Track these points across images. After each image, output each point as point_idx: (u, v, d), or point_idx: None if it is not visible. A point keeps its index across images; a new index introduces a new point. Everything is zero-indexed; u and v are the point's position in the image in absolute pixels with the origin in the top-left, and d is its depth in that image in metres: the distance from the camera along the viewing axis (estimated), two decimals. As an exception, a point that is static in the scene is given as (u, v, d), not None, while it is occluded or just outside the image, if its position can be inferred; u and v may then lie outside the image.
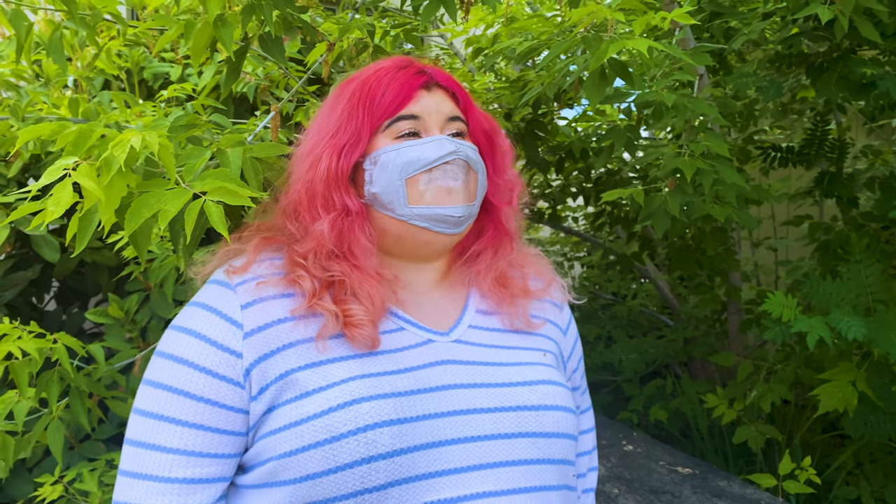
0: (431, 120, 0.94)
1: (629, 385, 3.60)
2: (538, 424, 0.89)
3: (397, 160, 0.90)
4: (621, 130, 2.02)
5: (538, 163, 2.62)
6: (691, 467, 2.16)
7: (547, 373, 0.95)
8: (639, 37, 1.52)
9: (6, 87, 2.13)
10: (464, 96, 1.00)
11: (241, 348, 0.84)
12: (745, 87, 2.11)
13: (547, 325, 1.04)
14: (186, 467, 0.83)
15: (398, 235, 0.93)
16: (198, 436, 0.84)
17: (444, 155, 0.91)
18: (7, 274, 2.75)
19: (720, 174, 1.99)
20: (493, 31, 2.67)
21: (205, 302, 0.89)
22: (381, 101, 0.93)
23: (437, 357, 0.90)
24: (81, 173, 0.86)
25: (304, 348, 0.85)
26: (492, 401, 0.88)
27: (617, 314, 4.26)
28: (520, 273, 1.03)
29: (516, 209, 1.04)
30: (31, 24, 1.84)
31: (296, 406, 0.82)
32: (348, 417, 0.80)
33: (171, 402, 0.84)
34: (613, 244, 3.76)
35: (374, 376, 0.84)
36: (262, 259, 0.92)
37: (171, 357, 0.86)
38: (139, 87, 2.95)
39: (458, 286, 1.01)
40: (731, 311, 3.25)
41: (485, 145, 1.00)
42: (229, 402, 0.84)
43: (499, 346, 0.96)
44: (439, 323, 0.95)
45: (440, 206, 0.90)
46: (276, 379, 0.84)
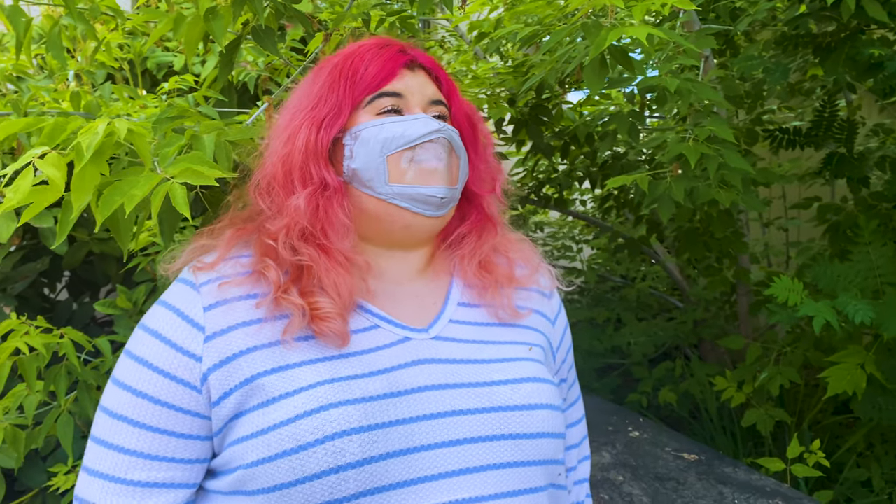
0: (414, 99, 0.92)
1: (638, 368, 3.60)
2: (522, 425, 0.85)
3: (379, 136, 0.87)
4: (624, 116, 2.00)
5: (543, 148, 2.60)
6: (697, 453, 2.16)
7: (532, 369, 0.92)
8: (639, 23, 1.50)
9: (8, 81, 2.14)
10: (446, 80, 0.98)
11: (200, 352, 0.82)
12: (750, 69, 2.08)
13: (533, 316, 1.00)
14: (143, 470, 0.82)
15: (377, 216, 0.89)
16: (154, 439, 0.82)
17: (428, 133, 0.88)
18: (17, 266, 2.78)
19: (725, 159, 1.97)
20: (495, 14, 2.65)
21: (169, 301, 0.87)
22: (363, 76, 0.90)
23: (413, 356, 0.86)
24: (47, 162, 0.86)
25: (271, 351, 0.82)
26: (473, 401, 0.84)
27: (626, 296, 4.24)
28: (505, 259, 1.00)
29: (499, 197, 1.01)
30: (29, 20, 1.84)
31: (262, 413, 0.79)
32: (315, 425, 0.77)
33: (130, 403, 0.83)
34: (622, 227, 3.74)
35: (343, 380, 0.80)
36: (230, 257, 0.89)
37: (133, 357, 0.85)
38: (143, 77, 2.95)
39: (441, 274, 0.98)
40: (741, 294, 3.23)
41: (467, 131, 0.97)
42: (186, 406, 0.82)
43: (481, 342, 0.92)
44: (417, 318, 0.91)
45: (422, 186, 0.87)
46: (240, 384, 0.81)
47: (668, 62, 1.97)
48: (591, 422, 2.62)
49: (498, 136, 2.81)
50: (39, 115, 2.04)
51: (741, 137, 2.69)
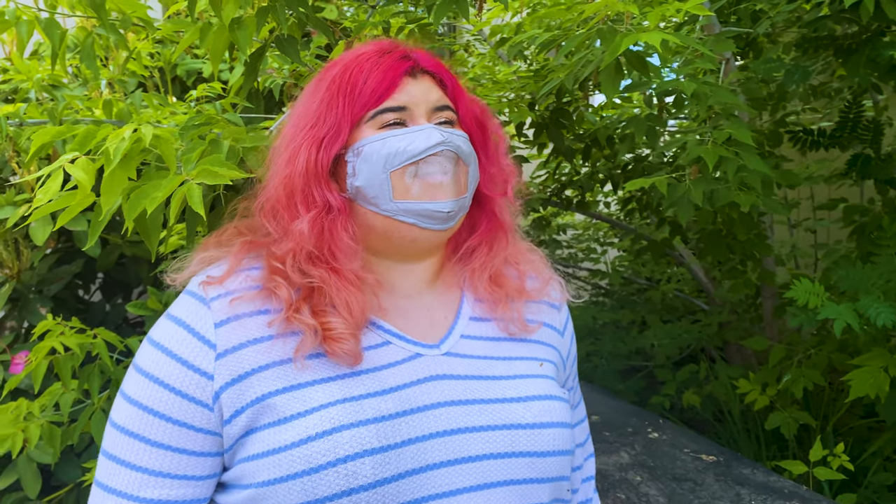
0: (418, 109, 0.88)
1: (662, 370, 3.59)
2: (533, 443, 0.85)
3: (381, 151, 0.85)
4: (642, 120, 2.02)
5: (564, 151, 2.62)
6: (716, 455, 2.16)
7: (544, 386, 0.91)
8: (653, 29, 1.52)
9: (44, 90, 2.21)
10: (452, 82, 0.94)
11: (212, 370, 0.80)
12: (770, 71, 2.08)
13: (544, 330, 0.99)
14: (155, 487, 0.81)
15: (384, 232, 0.87)
16: (167, 456, 0.81)
17: (432, 146, 0.85)
18: (53, 268, 2.86)
19: (744, 161, 1.98)
20: (517, 19, 2.67)
21: (179, 316, 0.84)
22: (362, 90, 0.87)
23: (426, 373, 0.85)
24: (77, 166, 0.90)
25: (282, 370, 0.81)
26: (484, 418, 0.84)
27: (651, 299, 4.23)
28: (516, 272, 0.99)
29: (511, 200, 0.99)
30: (64, 31, 1.91)
31: (274, 432, 0.78)
32: (327, 447, 0.76)
33: (141, 420, 0.82)
34: (646, 229, 3.74)
35: (355, 400, 0.79)
36: (240, 270, 0.86)
37: (143, 372, 0.83)
38: (173, 84, 3.02)
39: (451, 287, 0.96)
40: (766, 296, 3.21)
41: (476, 133, 0.94)
42: (198, 424, 0.81)
43: (492, 358, 0.91)
44: (429, 333, 0.90)
45: (428, 202, 0.85)
46: (252, 402, 0.80)
47: (686, 66, 1.98)
48: (610, 423, 2.64)
49: (519, 139, 2.83)
50: (73, 123, 2.12)
51: (763, 139, 2.68)
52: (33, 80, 2.22)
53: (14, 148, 2.35)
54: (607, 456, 2.15)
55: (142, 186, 0.91)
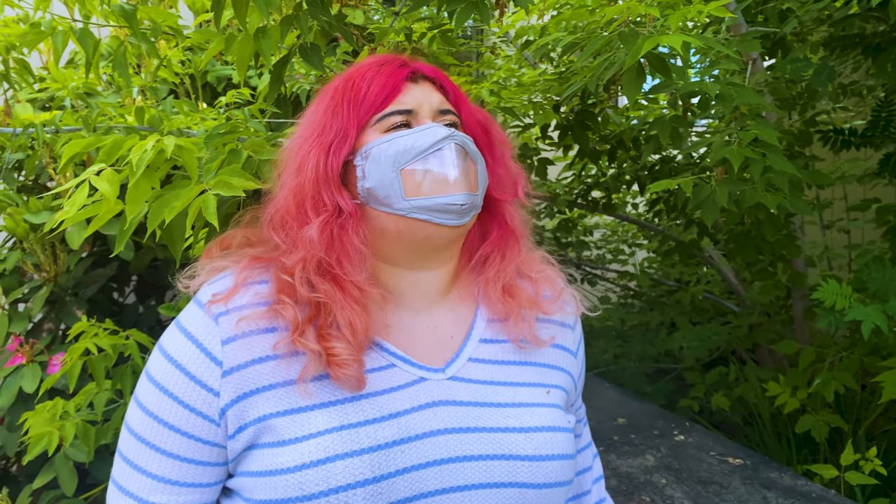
0: (423, 111, 0.89)
1: (691, 373, 3.56)
2: (531, 475, 0.84)
3: (389, 151, 0.85)
4: (666, 121, 2.01)
5: (589, 153, 2.62)
6: (743, 458, 2.14)
7: (548, 416, 0.89)
8: (674, 31, 1.52)
9: (79, 98, 2.27)
10: (453, 89, 0.95)
11: (218, 387, 0.82)
12: (797, 71, 2.06)
13: (554, 352, 0.98)
14: (163, 494, 0.84)
15: (398, 233, 0.87)
16: (175, 465, 0.83)
17: (439, 140, 0.85)
18: (88, 271, 2.93)
19: (770, 162, 1.96)
20: (541, 22, 2.68)
21: (188, 328, 0.85)
22: (366, 95, 0.88)
23: (428, 398, 0.85)
24: (102, 178, 0.93)
25: (285, 391, 0.81)
26: (483, 447, 0.83)
27: (681, 300, 4.20)
28: (531, 283, 0.98)
29: (523, 200, 0.98)
30: (97, 40, 1.96)
31: (272, 453, 0.79)
32: (321, 477, 0.76)
33: (152, 428, 0.84)
34: (674, 230, 3.71)
35: (353, 427, 0.80)
36: (248, 284, 0.86)
37: (154, 381, 0.85)
38: (204, 90, 3.08)
39: (466, 300, 0.95)
40: (796, 298, 3.17)
41: (481, 136, 0.94)
42: (206, 437, 0.83)
43: (498, 383, 0.90)
44: (435, 356, 0.89)
45: (441, 195, 0.84)
46: (254, 421, 0.81)
47: (711, 66, 1.97)
48: (637, 425, 2.63)
49: (544, 141, 2.84)
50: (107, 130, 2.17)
51: (790, 139, 2.65)
52: (68, 88, 2.28)
53: (51, 154, 2.42)
54: (633, 458, 2.15)
55: (164, 196, 0.94)
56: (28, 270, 2.87)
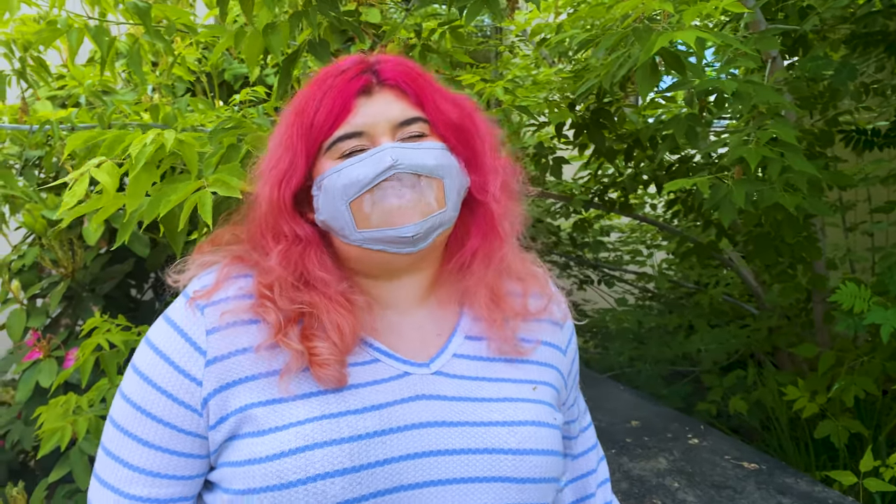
0: (378, 130, 0.84)
1: (708, 375, 3.51)
2: (514, 469, 0.83)
3: (337, 183, 0.82)
4: (682, 120, 1.98)
5: (605, 152, 2.59)
6: (758, 463, 2.11)
7: (534, 411, 0.88)
8: (688, 27, 1.50)
9: (94, 96, 2.29)
10: (417, 89, 0.88)
11: (201, 376, 0.82)
12: (816, 69, 2.02)
13: (543, 349, 0.95)
14: (144, 486, 0.83)
15: (358, 259, 0.87)
16: (156, 456, 0.83)
17: (381, 172, 0.81)
18: (105, 267, 2.96)
19: (788, 161, 1.93)
20: (557, 19, 2.65)
21: (174, 320, 0.85)
22: (315, 121, 0.84)
23: (411, 392, 0.84)
24: (102, 170, 0.93)
25: (266, 382, 0.81)
26: (466, 441, 0.82)
27: (699, 302, 4.15)
28: (520, 288, 0.96)
29: (508, 200, 0.93)
30: (113, 38, 1.97)
31: (252, 443, 0.79)
32: (299, 465, 0.76)
33: (134, 419, 0.84)
34: (693, 231, 3.67)
35: (333, 417, 0.79)
36: (231, 278, 0.86)
37: (138, 372, 0.85)
38: (221, 88, 3.09)
39: (448, 304, 0.93)
40: (816, 301, 3.12)
41: (453, 139, 0.88)
42: (188, 427, 0.83)
43: (484, 379, 0.88)
44: (420, 352, 0.88)
45: (389, 228, 0.82)
46: (235, 411, 0.81)
47: (727, 64, 1.94)
48: (650, 428, 2.60)
49: (559, 140, 2.81)
50: (122, 127, 2.18)
51: (810, 140, 2.61)
52: (84, 85, 2.30)
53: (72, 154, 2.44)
54: (645, 461, 2.12)
55: (162, 189, 0.94)
56: (46, 266, 2.90)
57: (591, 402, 3.03)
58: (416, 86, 0.88)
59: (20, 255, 3.04)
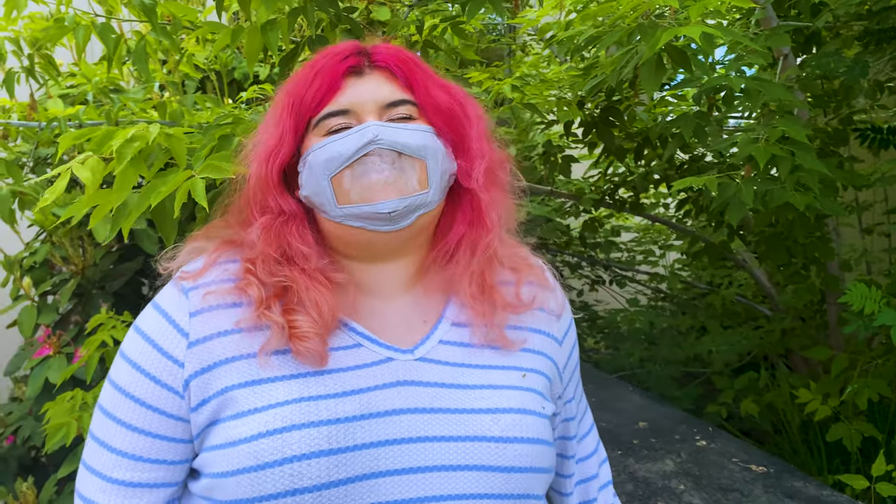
0: (365, 109, 0.86)
1: (720, 377, 3.47)
2: (497, 458, 0.82)
3: (320, 158, 0.84)
4: (690, 118, 1.96)
5: (614, 150, 2.57)
6: (766, 466, 2.08)
7: (520, 399, 0.87)
8: (694, 23, 1.47)
9: (102, 94, 2.30)
10: (408, 73, 0.89)
11: (183, 358, 0.82)
12: (827, 66, 1.99)
13: (536, 337, 0.94)
14: (126, 470, 0.83)
15: (339, 237, 0.87)
16: (140, 440, 0.83)
17: (362, 147, 0.82)
18: (116, 265, 2.98)
19: (798, 160, 1.90)
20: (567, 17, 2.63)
21: (160, 304, 0.87)
22: (304, 98, 0.86)
23: (394, 377, 0.83)
24: (85, 166, 0.94)
25: (247, 364, 0.81)
26: (447, 429, 0.81)
27: (712, 303, 4.10)
28: (513, 278, 0.95)
29: (495, 189, 0.93)
30: (119, 35, 1.98)
31: (232, 426, 0.79)
32: (276, 446, 0.76)
33: (120, 403, 0.84)
34: (706, 231, 3.63)
35: (313, 400, 0.79)
36: (218, 263, 0.88)
37: (124, 356, 0.86)
38: (231, 86, 3.09)
39: (434, 292, 0.92)
40: (830, 302, 3.07)
41: (441, 124, 0.89)
42: (170, 410, 0.83)
43: (469, 365, 0.87)
44: (405, 337, 0.88)
45: (367, 204, 0.82)
46: (215, 394, 0.81)
47: (736, 61, 1.92)
48: (658, 430, 2.57)
49: (567, 138, 2.79)
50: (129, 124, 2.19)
51: (824, 138, 2.57)
52: (91, 83, 2.31)
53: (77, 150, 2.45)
54: (651, 463, 2.10)
55: (151, 182, 0.94)
56: (57, 263, 2.92)
57: (600, 402, 3.01)
58: (407, 69, 0.90)
59: (32, 252, 3.07)
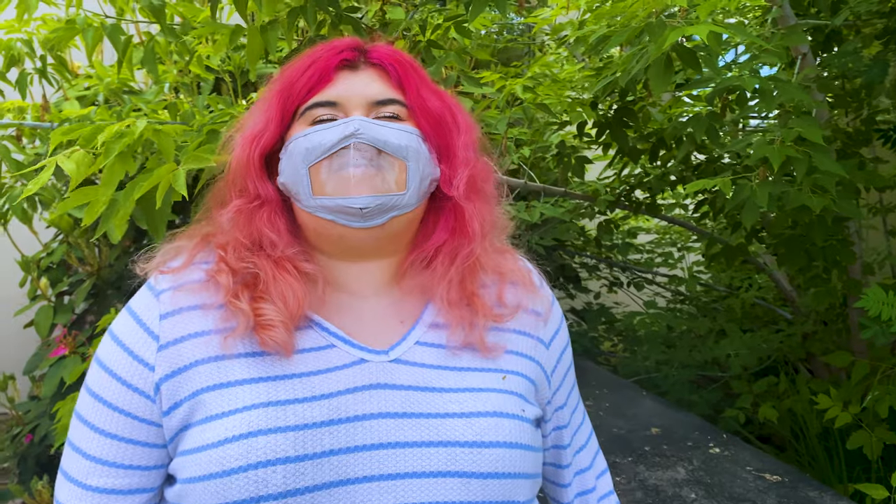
0: (352, 103, 0.85)
1: (738, 382, 3.41)
2: (473, 464, 0.79)
3: (300, 147, 0.83)
4: (702, 118, 1.92)
5: (628, 151, 2.53)
6: (781, 475, 2.03)
7: (497, 401, 0.84)
8: (702, 21, 1.44)
9: (114, 94, 2.31)
10: (402, 73, 0.89)
11: (153, 361, 0.81)
12: (844, 65, 1.94)
13: (517, 339, 0.92)
14: (100, 476, 0.82)
15: (313, 229, 0.86)
16: (112, 445, 0.82)
17: (343, 139, 0.81)
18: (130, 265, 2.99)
19: (815, 161, 1.85)
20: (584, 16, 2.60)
21: (132, 307, 0.86)
22: (294, 86, 0.86)
23: (366, 380, 0.81)
24: (71, 159, 0.94)
25: (216, 366, 0.80)
26: (420, 434, 0.79)
27: (731, 307, 4.04)
28: (495, 281, 0.92)
29: (478, 199, 0.90)
30: (129, 37, 1.98)
31: (200, 430, 0.78)
32: (241, 452, 0.74)
33: (94, 409, 0.83)
34: (726, 234, 3.57)
35: (279, 404, 0.77)
36: (195, 263, 0.86)
37: (97, 361, 0.85)
38: (246, 88, 3.10)
39: (412, 294, 0.91)
40: (852, 307, 3.00)
41: (429, 129, 0.88)
42: (141, 415, 0.82)
43: (446, 368, 0.85)
44: (380, 338, 0.86)
45: (339, 197, 0.81)
46: (186, 398, 0.80)
47: (751, 61, 1.88)
48: (670, 436, 2.53)
49: (580, 139, 2.76)
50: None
51: (844, 139, 2.51)
52: (103, 84, 2.32)
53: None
54: (662, 470, 2.06)
55: (137, 177, 0.94)
56: (73, 264, 2.94)
57: (612, 407, 2.96)
58: (402, 69, 0.89)
59: (49, 252, 3.10)
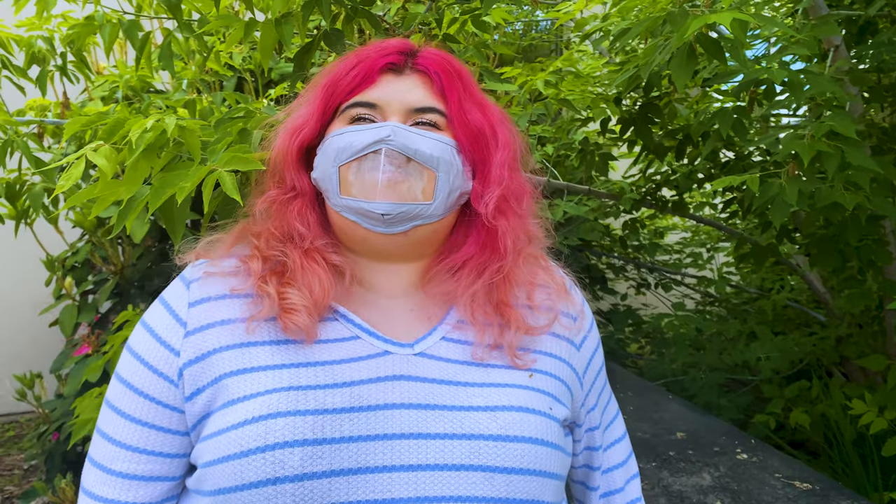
0: (391, 107, 0.86)
1: (769, 386, 3.32)
2: (497, 458, 0.77)
3: (334, 145, 0.84)
4: (727, 113, 1.86)
5: (653, 148, 2.47)
6: (811, 482, 1.95)
7: (523, 397, 0.83)
8: (726, 9, 1.39)
9: (132, 91, 2.31)
10: (446, 82, 0.88)
11: (179, 346, 0.82)
12: (878, 58, 1.86)
13: (550, 340, 0.91)
14: (124, 461, 0.83)
15: (340, 228, 0.87)
16: (137, 431, 0.83)
17: (372, 143, 0.82)
18: (155, 264, 3.01)
19: (847, 157, 1.78)
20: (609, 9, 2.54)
21: (164, 296, 0.88)
22: (339, 84, 0.88)
23: (389, 371, 0.81)
24: (99, 154, 0.92)
25: (241, 352, 0.81)
26: (444, 426, 0.78)
27: (763, 308, 3.94)
28: (528, 289, 0.91)
29: (513, 216, 0.89)
30: (147, 33, 1.97)
31: (222, 414, 0.78)
32: (259, 433, 0.75)
33: (121, 394, 0.85)
34: (756, 233, 3.48)
35: (301, 389, 0.77)
36: (233, 253, 0.89)
37: (129, 349, 0.87)
38: (269, 86, 3.09)
39: (437, 298, 0.90)
40: (888, 308, 2.90)
41: (465, 142, 0.87)
42: (165, 400, 0.83)
43: (471, 364, 0.84)
44: (407, 332, 0.86)
45: (363, 200, 0.81)
46: (210, 383, 0.80)
47: (780, 52, 1.81)
48: (696, 441, 2.46)
49: (603, 136, 2.70)
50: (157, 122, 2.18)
51: (877, 134, 2.42)
52: (122, 80, 2.32)
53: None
54: (687, 476, 1.99)
55: (165, 176, 0.93)
56: (97, 263, 2.96)
57: (637, 411, 2.90)
58: (447, 78, 0.89)
59: (73, 252, 3.12)
